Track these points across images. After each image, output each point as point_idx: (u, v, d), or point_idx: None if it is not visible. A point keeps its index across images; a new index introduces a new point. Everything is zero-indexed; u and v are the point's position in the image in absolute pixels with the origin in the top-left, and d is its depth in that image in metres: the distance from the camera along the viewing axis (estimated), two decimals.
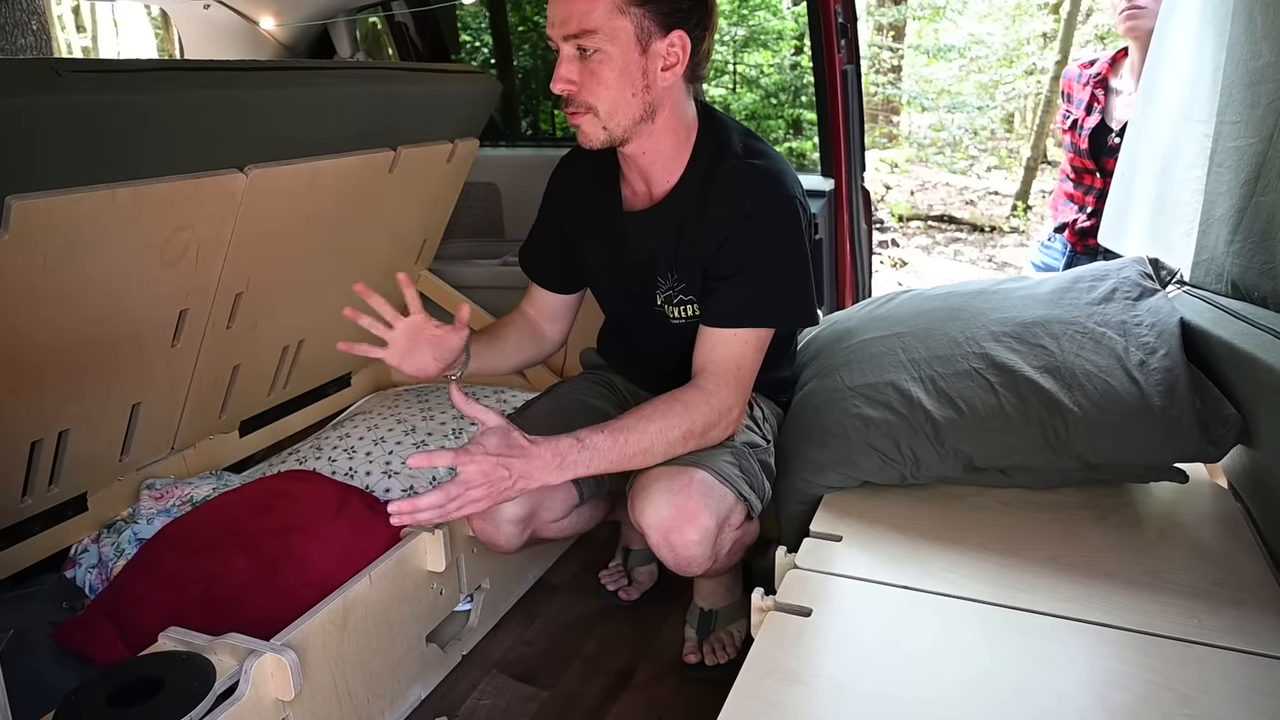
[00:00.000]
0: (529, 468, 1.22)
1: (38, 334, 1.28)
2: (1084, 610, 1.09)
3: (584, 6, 1.21)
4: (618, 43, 1.23)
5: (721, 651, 1.56)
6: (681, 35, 1.26)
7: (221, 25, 2.32)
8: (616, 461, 1.27)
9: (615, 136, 1.31)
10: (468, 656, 1.60)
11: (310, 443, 1.88)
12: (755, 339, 1.34)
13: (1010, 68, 9.59)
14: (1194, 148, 1.51)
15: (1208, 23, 1.50)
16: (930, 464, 1.33)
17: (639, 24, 1.23)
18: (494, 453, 1.22)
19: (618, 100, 1.27)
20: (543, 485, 1.24)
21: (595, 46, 1.23)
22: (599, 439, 1.26)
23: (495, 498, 1.22)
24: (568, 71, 1.26)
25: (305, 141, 1.57)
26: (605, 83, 1.26)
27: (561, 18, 1.23)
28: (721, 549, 1.34)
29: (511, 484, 1.22)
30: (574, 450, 1.25)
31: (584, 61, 1.25)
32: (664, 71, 1.28)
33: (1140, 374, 1.26)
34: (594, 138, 1.31)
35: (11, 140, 1.10)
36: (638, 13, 1.23)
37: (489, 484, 1.21)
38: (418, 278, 2.28)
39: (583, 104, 1.28)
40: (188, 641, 1.17)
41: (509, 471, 1.22)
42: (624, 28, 1.23)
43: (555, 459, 1.23)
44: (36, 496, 1.48)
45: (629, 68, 1.25)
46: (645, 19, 1.23)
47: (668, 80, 1.29)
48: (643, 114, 1.29)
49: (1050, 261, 2.29)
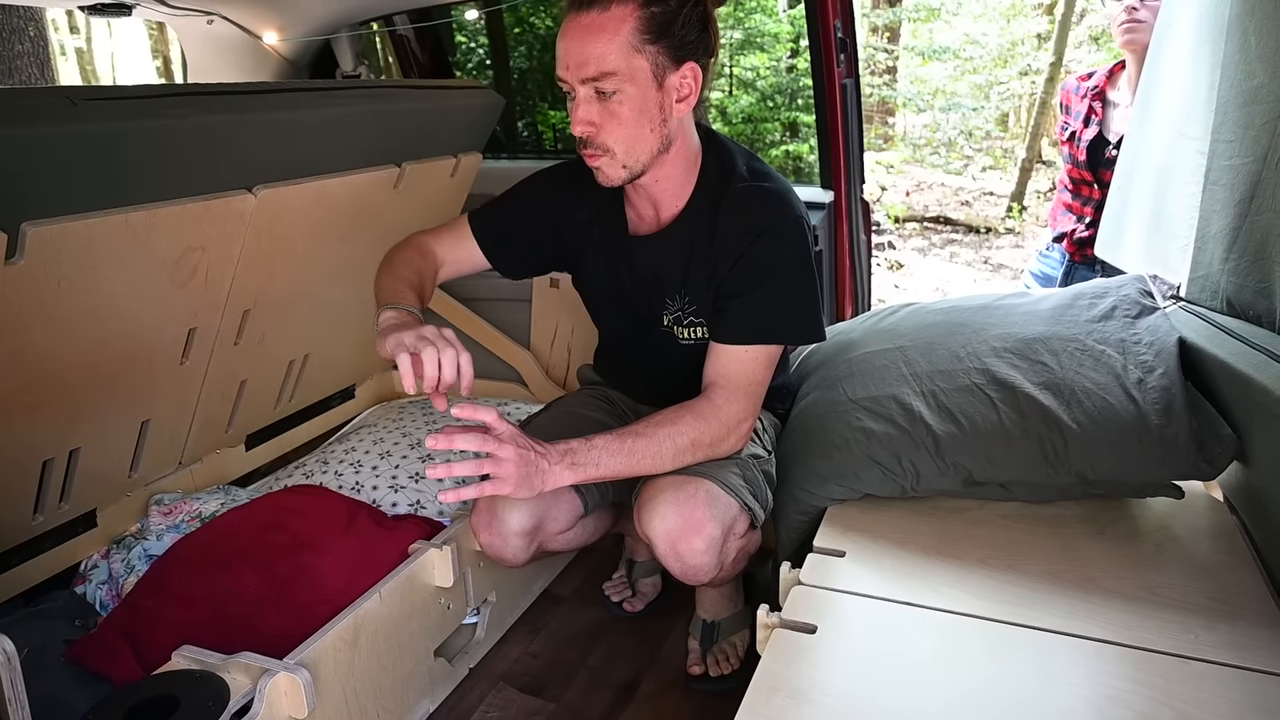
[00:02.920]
0: (547, 457, 1.24)
1: (52, 355, 1.30)
2: (1083, 626, 1.11)
3: (600, 49, 1.21)
4: (636, 82, 1.24)
5: (725, 663, 1.58)
6: (693, 67, 1.28)
7: (224, 40, 2.33)
8: (626, 464, 1.28)
9: (634, 173, 1.32)
10: (475, 669, 1.61)
11: (316, 456, 1.89)
12: (765, 355, 1.36)
13: (1005, 68, 9.62)
14: (1189, 164, 1.53)
15: (1203, 41, 1.52)
16: (930, 478, 1.35)
17: (654, 61, 1.24)
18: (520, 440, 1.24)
19: (636, 138, 1.28)
20: (558, 485, 1.25)
21: (614, 88, 1.23)
22: (608, 439, 1.28)
23: (522, 481, 1.21)
24: (586, 114, 1.26)
25: (312, 160, 1.58)
26: (625, 122, 1.26)
27: (577, 61, 1.23)
28: (727, 557, 1.37)
29: (535, 471, 1.22)
30: (583, 448, 1.26)
31: (602, 103, 1.25)
32: (679, 104, 1.29)
33: (1138, 392, 1.28)
34: (613, 178, 1.32)
35: (28, 170, 1.12)
36: (652, 50, 1.23)
37: (520, 459, 1.21)
38: None
39: (601, 146, 1.28)
40: (202, 660, 1.19)
41: (534, 454, 1.22)
42: (640, 67, 1.23)
43: (566, 456, 1.25)
44: (47, 514, 1.50)
45: (647, 105, 1.26)
46: (659, 55, 1.24)
47: (682, 112, 1.30)
48: (659, 147, 1.31)
49: (1049, 270, 2.31)
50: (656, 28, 1.22)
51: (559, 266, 1.60)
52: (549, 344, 2.31)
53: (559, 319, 2.26)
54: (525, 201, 1.54)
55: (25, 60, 5.14)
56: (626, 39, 1.21)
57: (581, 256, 1.54)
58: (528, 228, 1.53)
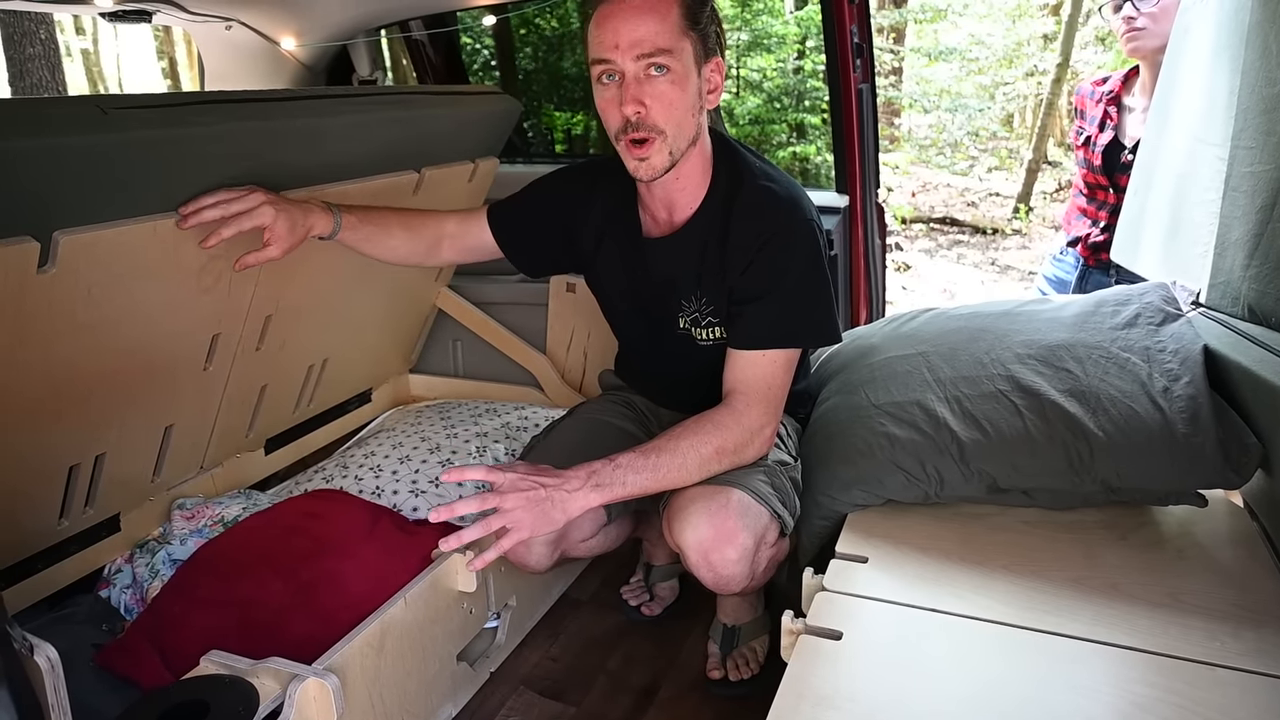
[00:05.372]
0: (565, 486, 1.24)
1: (80, 362, 1.31)
2: (1108, 633, 1.12)
3: (656, 26, 1.23)
4: (684, 62, 1.26)
5: (745, 667, 1.58)
6: (719, 62, 1.31)
7: (243, 45, 2.34)
8: (651, 479, 1.28)
9: (675, 161, 1.32)
10: (496, 673, 1.62)
11: (336, 461, 1.90)
12: (784, 359, 1.36)
13: (1010, 68, 9.62)
14: (1209, 170, 1.53)
15: (1222, 47, 1.52)
16: (955, 484, 1.35)
17: (696, 46, 1.27)
18: (527, 472, 1.26)
19: (682, 121, 1.29)
20: (585, 508, 1.25)
21: (670, 65, 1.25)
22: (631, 457, 1.28)
23: (539, 520, 1.23)
24: (637, 93, 1.25)
25: (334, 166, 1.59)
26: (674, 103, 1.27)
27: (634, 39, 1.23)
28: (758, 566, 1.37)
29: (551, 505, 1.23)
30: (607, 468, 1.26)
31: (652, 83, 1.25)
32: (709, 95, 1.32)
33: (1164, 400, 1.28)
34: (658, 165, 1.30)
35: (59, 179, 1.13)
36: (694, 35, 1.27)
37: (529, 503, 1.22)
38: (437, 295, 2.31)
39: (652, 127, 1.27)
40: (230, 665, 1.19)
41: (544, 490, 1.23)
42: (688, 48, 1.27)
43: (590, 478, 1.25)
44: (72, 519, 1.51)
45: (691, 88, 1.28)
46: (698, 43, 1.28)
47: (712, 104, 1.33)
48: (693, 137, 1.33)
49: (1062, 275, 2.31)
50: (695, 16, 1.26)
51: (573, 267, 1.61)
52: (565, 348, 2.32)
53: (575, 323, 2.27)
54: (537, 200, 1.56)
55: (36, 63, 5.17)
56: (676, 20, 1.24)
57: (595, 258, 1.54)
58: (539, 225, 1.55)
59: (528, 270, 1.62)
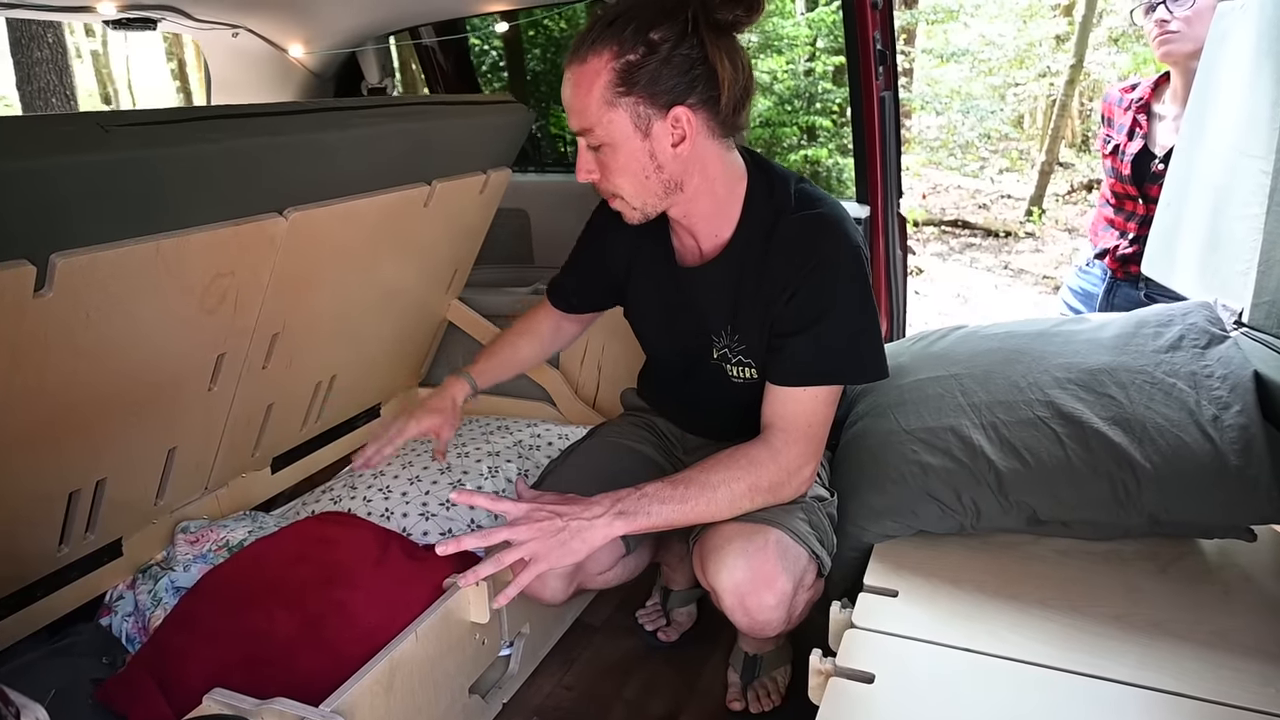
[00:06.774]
0: (586, 514, 1.19)
1: (80, 387, 1.26)
2: (1155, 677, 1.06)
3: (580, 104, 1.20)
4: (614, 136, 1.21)
5: (766, 698, 1.53)
6: (684, 111, 1.20)
7: (250, 53, 2.29)
8: (679, 512, 1.23)
9: (650, 213, 1.31)
10: (508, 704, 1.57)
11: (344, 480, 1.85)
12: (826, 395, 1.29)
13: (1022, 69, 9.54)
14: (1250, 184, 1.47)
15: (1263, 55, 1.46)
16: (992, 515, 1.29)
17: (632, 112, 1.19)
18: (546, 502, 1.21)
19: (635, 185, 1.26)
20: (609, 538, 1.20)
21: (598, 141, 1.22)
22: (659, 487, 1.23)
23: (557, 551, 1.18)
24: (585, 163, 1.27)
25: (343, 181, 1.55)
26: (617, 170, 1.25)
27: (569, 113, 1.24)
28: (795, 610, 1.30)
29: (570, 535, 1.18)
30: (633, 497, 1.21)
31: (597, 153, 1.25)
32: (675, 149, 1.22)
33: (1214, 430, 1.22)
34: (632, 217, 1.33)
35: (58, 199, 1.08)
36: (628, 101, 1.18)
37: (542, 534, 1.18)
38: (448, 308, 2.26)
39: (608, 190, 1.29)
40: (235, 705, 1.15)
41: (561, 519, 1.19)
42: (617, 119, 1.20)
43: (614, 505, 1.21)
44: (73, 545, 1.46)
45: (634, 154, 1.22)
46: (638, 105, 1.19)
47: (682, 154, 1.23)
48: (665, 190, 1.27)
49: (1089, 287, 2.25)
50: (631, 79, 1.17)
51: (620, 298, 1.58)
52: (579, 363, 2.27)
53: (588, 338, 2.22)
54: (584, 252, 1.59)
55: (44, 67, 5.15)
56: (600, 94, 1.18)
57: (628, 285, 1.50)
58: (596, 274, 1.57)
59: (600, 308, 1.66)
